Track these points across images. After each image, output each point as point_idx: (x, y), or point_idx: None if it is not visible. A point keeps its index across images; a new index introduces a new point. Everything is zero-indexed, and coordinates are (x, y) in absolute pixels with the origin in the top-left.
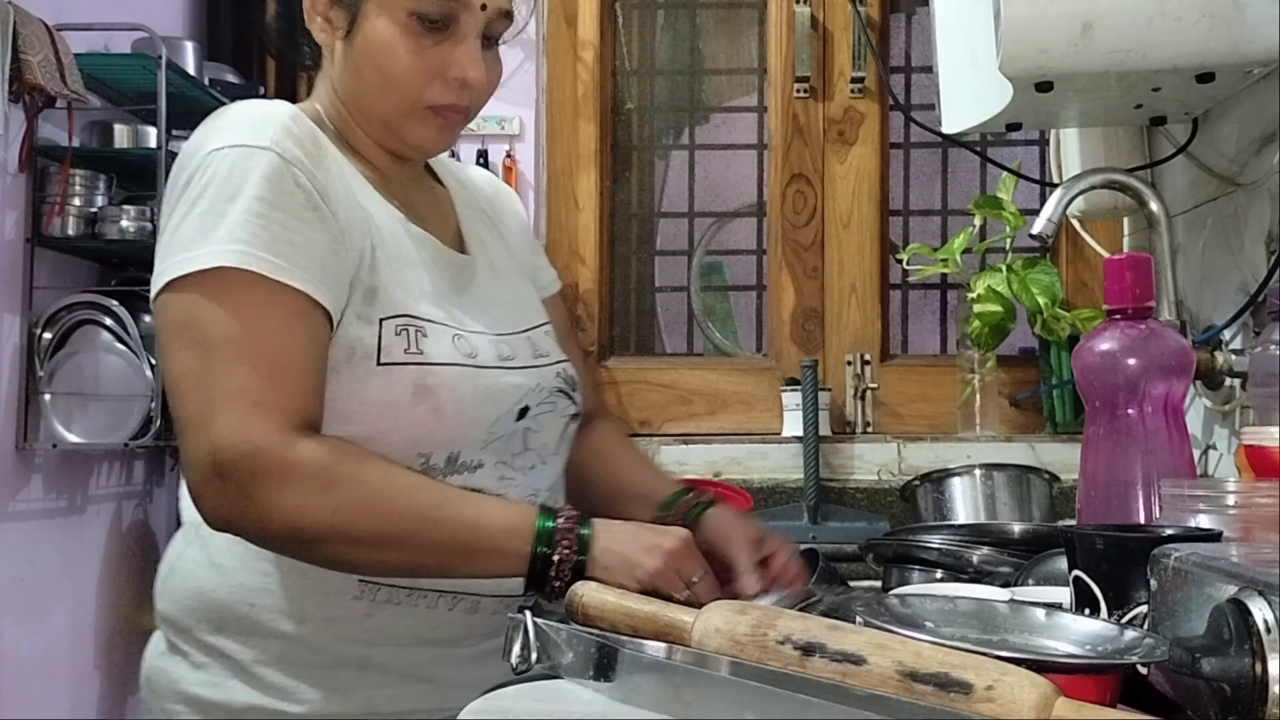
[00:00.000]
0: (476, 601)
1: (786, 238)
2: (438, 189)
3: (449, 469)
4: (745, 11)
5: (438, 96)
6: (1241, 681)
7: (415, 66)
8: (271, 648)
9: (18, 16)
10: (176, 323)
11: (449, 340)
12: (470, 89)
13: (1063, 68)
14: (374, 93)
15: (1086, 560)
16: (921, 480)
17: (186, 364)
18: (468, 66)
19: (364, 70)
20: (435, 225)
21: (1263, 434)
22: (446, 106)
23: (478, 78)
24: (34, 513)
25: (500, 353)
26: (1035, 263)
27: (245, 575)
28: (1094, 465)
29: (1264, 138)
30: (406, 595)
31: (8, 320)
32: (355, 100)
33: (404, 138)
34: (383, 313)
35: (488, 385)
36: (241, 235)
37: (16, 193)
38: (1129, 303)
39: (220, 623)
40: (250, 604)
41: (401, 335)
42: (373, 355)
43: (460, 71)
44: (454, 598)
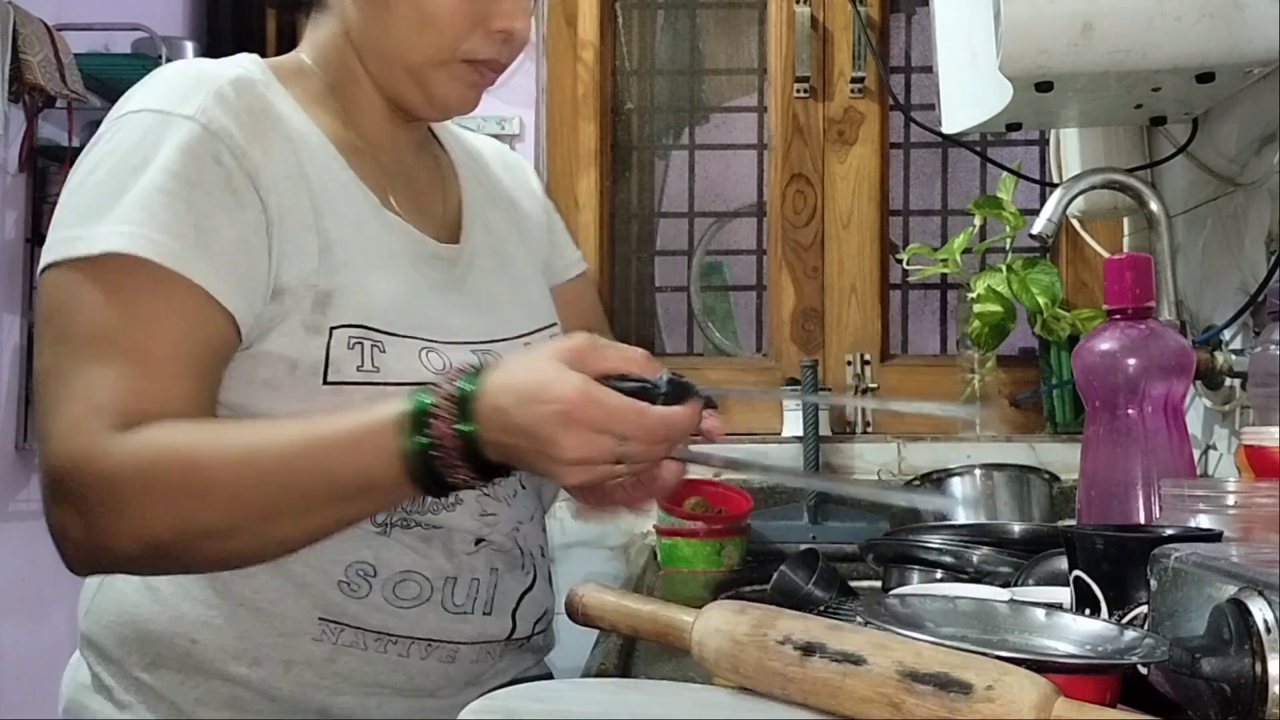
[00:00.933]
0: (454, 650)
1: (786, 238)
2: (441, 158)
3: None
4: (745, 11)
5: (478, 49)
6: (1241, 681)
7: (461, 10)
8: (217, 690)
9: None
10: (47, 312)
11: (414, 355)
12: (511, 43)
13: (1063, 68)
14: (407, 35)
15: (1087, 560)
16: (921, 480)
17: (44, 363)
18: (516, 16)
19: (398, 8)
20: (426, 207)
21: (1263, 434)
22: (485, 61)
23: (524, 30)
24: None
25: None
26: (1035, 263)
27: (186, 604)
28: (1094, 465)
29: (1264, 138)
30: (374, 640)
31: (8, 320)
32: (377, 44)
33: (430, 91)
34: (335, 320)
35: None
36: (136, 215)
37: (16, 193)
38: (1129, 303)
39: (155, 658)
40: (192, 639)
41: (355, 349)
42: (319, 371)
43: (507, 22)
44: (428, 645)
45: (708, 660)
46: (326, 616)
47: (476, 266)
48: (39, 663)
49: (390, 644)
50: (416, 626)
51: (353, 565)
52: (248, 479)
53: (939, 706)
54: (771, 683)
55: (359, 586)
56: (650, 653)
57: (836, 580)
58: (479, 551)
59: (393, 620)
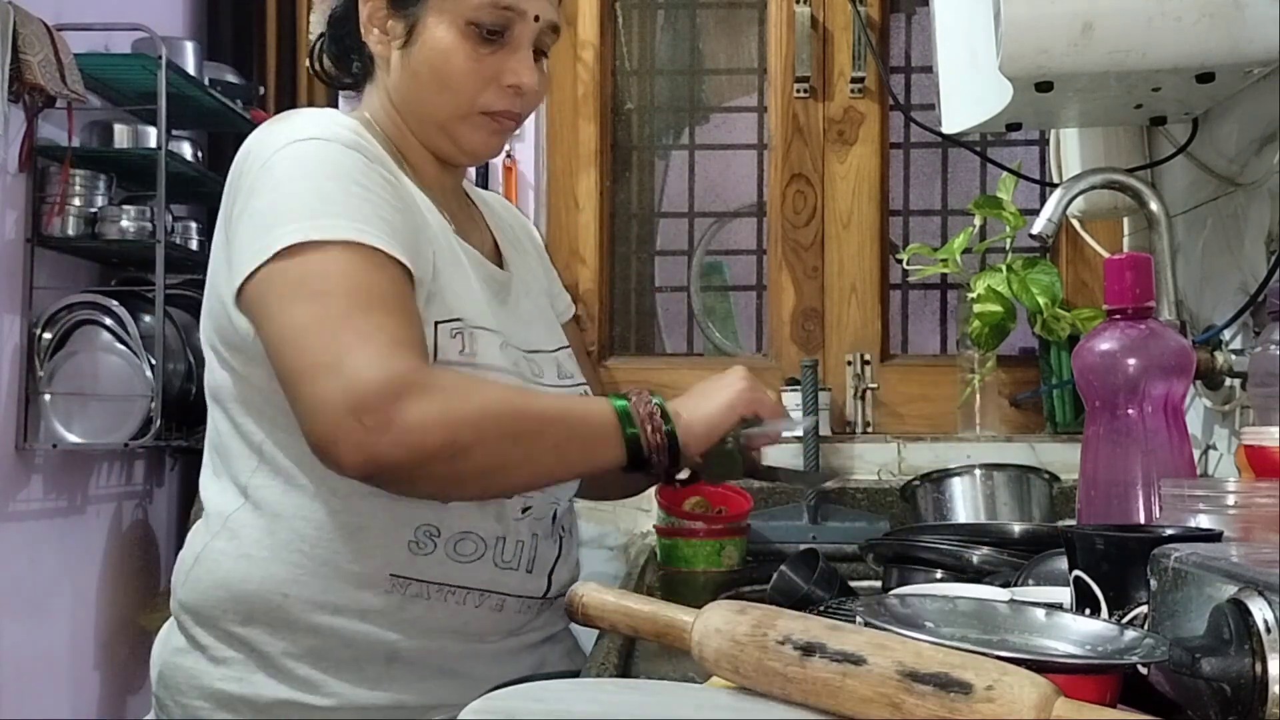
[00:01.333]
0: (502, 600)
1: (786, 238)
2: (473, 207)
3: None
4: (745, 11)
5: (493, 102)
6: (1241, 681)
7: (472, 71)
8: (301, 640)
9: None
10: (292, 282)
11: (497, 347)
12: (523, 96)
13: (1063, 68)
14: (432, 96)
15: (1087, 560)
16: (921, 480)
17: (309, 315)
18: (522, 73)
19: (422, 75)
20: (475, 240)
21: (1263, 434)
22: (501, 112)
23: (530, 84)
24: (34, 513)
25: (533, 369)
26: (1035, 263)
27: (277, 566)
28: (1094, 465)
29: (1264, 138)
30: (436, 590)
31: (8, 320)
32: (412, 105)
33: (458, 141)
34: (438, 316)
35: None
36: (347, 211)
37: (16, 193)
38: (1129, 303)
39: (249, 614)
40: (284, 594)
41: (456, 338)
42: (428, 355)
43: (515, 78)
44: (481, 595)
45: (707, 660)
46: (396, 573)
47: (516, 290)
48: (39, 663)
49: (450, 594)
50: (473, 578)
51: (420, 527)
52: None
53: (939, 706)
54: (771, 683)
55: (425, 545)
56: (650, 653)
57: (836, 580)
58: (524, 518)
59: (454, 572)
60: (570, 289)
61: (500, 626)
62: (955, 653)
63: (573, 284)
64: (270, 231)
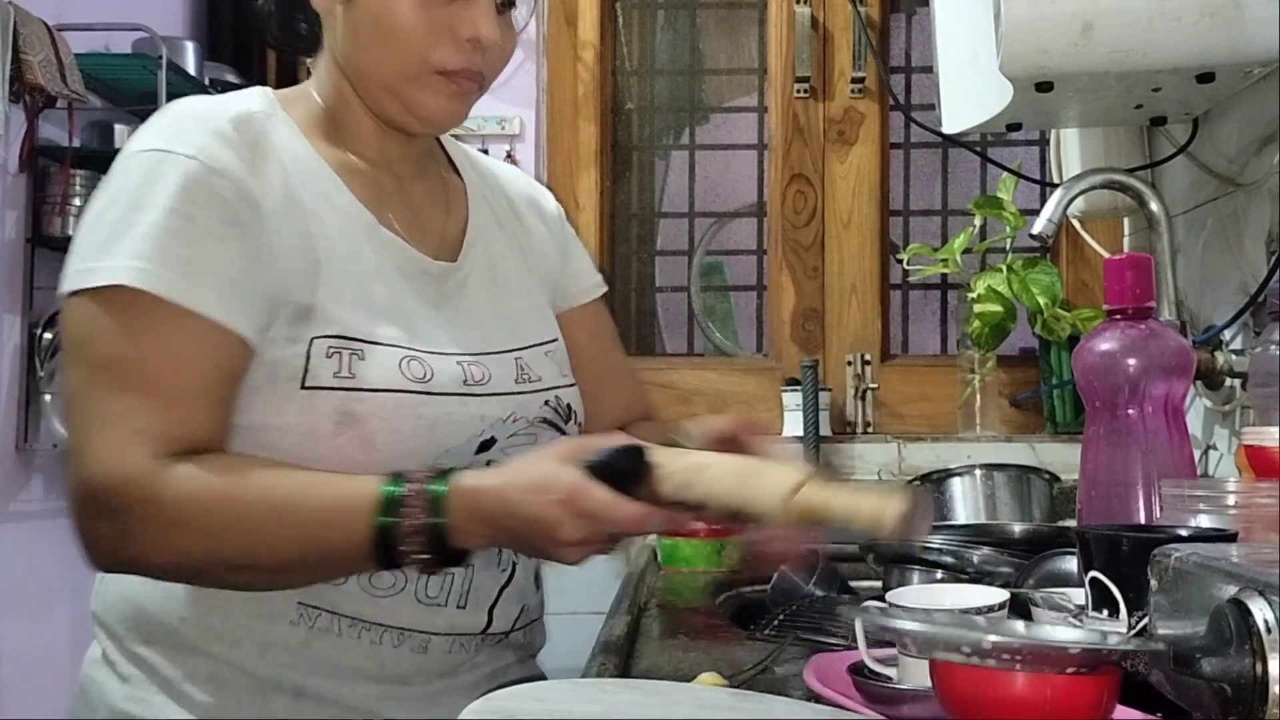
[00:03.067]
0: (426, 640)
1: (786, 238)
2: (451, 180)
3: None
4: (745, 11)
5: (448, 59)
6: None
7: (419, 23)
8: (201, 667)
9: (18, 17)
10: (72, 338)
11: (394, 363)
12: (484, 52)
13: (1063, 68)
14: (376, 55)
15: (1104, 561)
16: (922, 480)
17: (74, 384)
18: (480, 24)
19: (365, 30)
20: (425, 224)
21: (1263, 434)
22: (458, 71)
23: (490, 36)
24: (34, 513)
25: (469, 376)
26: (1035, 263)
27: (177, 587)
28: (1094, 465)
29: (1264, 138)
30: (348, 626)
31: (8, 320)
32: (355, 66)
33: (411, 106)
34: (316, 331)
35: (435, 414)
36: (145, 250)
37: (16, 193)
38: (1129, 303)
39: (149, 634)
40: (180, 618)
41: (333, 358)
42: (298, 378)
43: (472, 30)
44: (400, 634)
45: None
46: (305, 601)
47: (470, 284)
48: (39, 663)
49: (364, 630)
50: (390, 615)
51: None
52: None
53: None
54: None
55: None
56: (651, 653)
57: (837, 580)
58: None
59: (367, 607)
60: None
61: (425, 668)
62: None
63: None
64: (72, 260)
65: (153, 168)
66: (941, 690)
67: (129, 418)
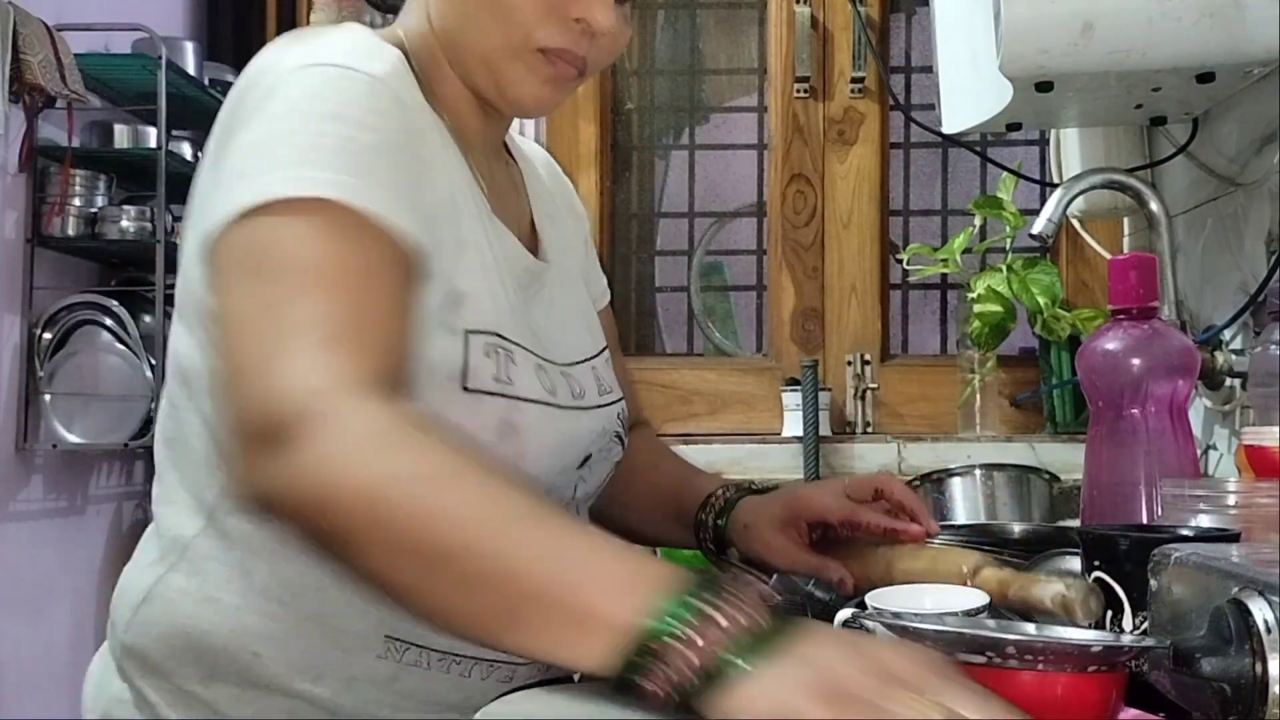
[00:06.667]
0: (513, 670)
1: (786, 238)
2: (512, 167)
3: None
4: (745, 11)
5: (553, 38)
6: (1241, 681)
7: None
8: (275, 706)
9: (18, 16)
10: (240, 258)
11: (533, 370)
12: (594, 38)
13: (1063, 68)
14: (478, 22)
15: (1108, 562)
16: (922, 480)
17: (249, 301)
18: (595, 6)
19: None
20: (510, 216)
21: (1263, 434)
22: (561, 51)
23: (604, 22)
24: (34, 513)
25: (572, 389)
26: (1035, 263)
27: (250, 617)
28: (1097, 465)
29: (1264, 138)
30: (438, 659)
31: (8, 320)
32: (454, 33)
33: (503, 85)
34: (470, 324)
35: (565, 430)
36: (341, 160)
37: (16, 193)
38: (1133, 303)
39: (213, 670)
40: (254, 653)
41: (491, 358)
42: (458, 376)
43: (584, 10)
44: (490, 666)
45: None
46: (393, 635)
47: (553, 285)
48: (39, 663)
49: (454, 664)
50: (480, 647)
51: None
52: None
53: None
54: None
55: None
56: None
57: None
58: None
59: (458, 641)
60: None
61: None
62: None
63: None
64: (244, 179)
65: (336, 81)
66: None
67: (328, 322)
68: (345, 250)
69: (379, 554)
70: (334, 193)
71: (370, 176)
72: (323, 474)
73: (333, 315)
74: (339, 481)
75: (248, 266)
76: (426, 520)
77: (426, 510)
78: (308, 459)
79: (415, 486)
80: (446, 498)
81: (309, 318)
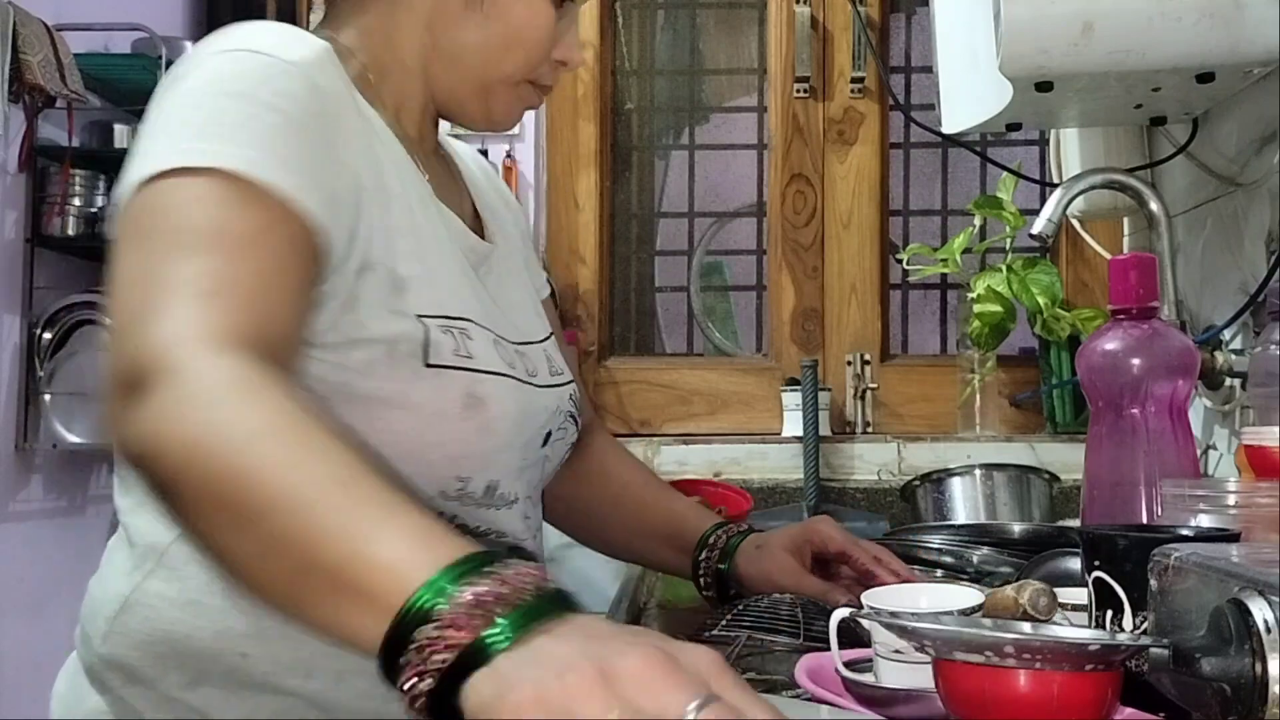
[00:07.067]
0: None
1: (786, 238)
2: (450, 159)
3: (486, 500)
4: (745, 11)
5: (545, 74)
6: (1241, 681)
7: (548, 37)
8: (266, 704)
9: (18, 16)
10: (132, 224)
11: (491, 345)
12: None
13: (1063, 68)
14: (493, 51)
15: (1108, 561)
16: (921, 480)
17: (134, 261)
18: (574, 50)
19: (494, 27)
20: (454, 202)
21: (1263, 434)
22: (545, 86)
23: (579, 63)
24: (34, 513)
25: (527, 367)
26: (1035, 263)
27: (233, 618)
28: (1098, 465)
29: (1264, 138)
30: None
31: (8, 320)
32: (455, 51)
33: (492, 107)
34: (420, 309)
35: (526, 403)
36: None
37: (16, 193)
38: (1133, 303)
39: (198, 675)
40: (242, 654)
41: (448, 334)
42: (419, 353)
43: (567, 54)
44: None
45: None
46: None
47: (500, 267)
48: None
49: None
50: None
51: None
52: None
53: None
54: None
55: None
56: None
57: None
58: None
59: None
60: (570, 289)
61: None
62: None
63: (573, 284)
64: (145, 154)
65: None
66: (947, 690)
67: (203, 279)
68: (232, 215)
69: (196, 510)
70: (227, 163)
71: (268, 151)
72: (157, 424)
73: (208, 273)
74: (168, 431)
75: (138, 231)
76: (237, 477)
77: (240, 467)
78: (150, 409)
79: (235, 442)
80: (263, 456)
81: (185, 275)
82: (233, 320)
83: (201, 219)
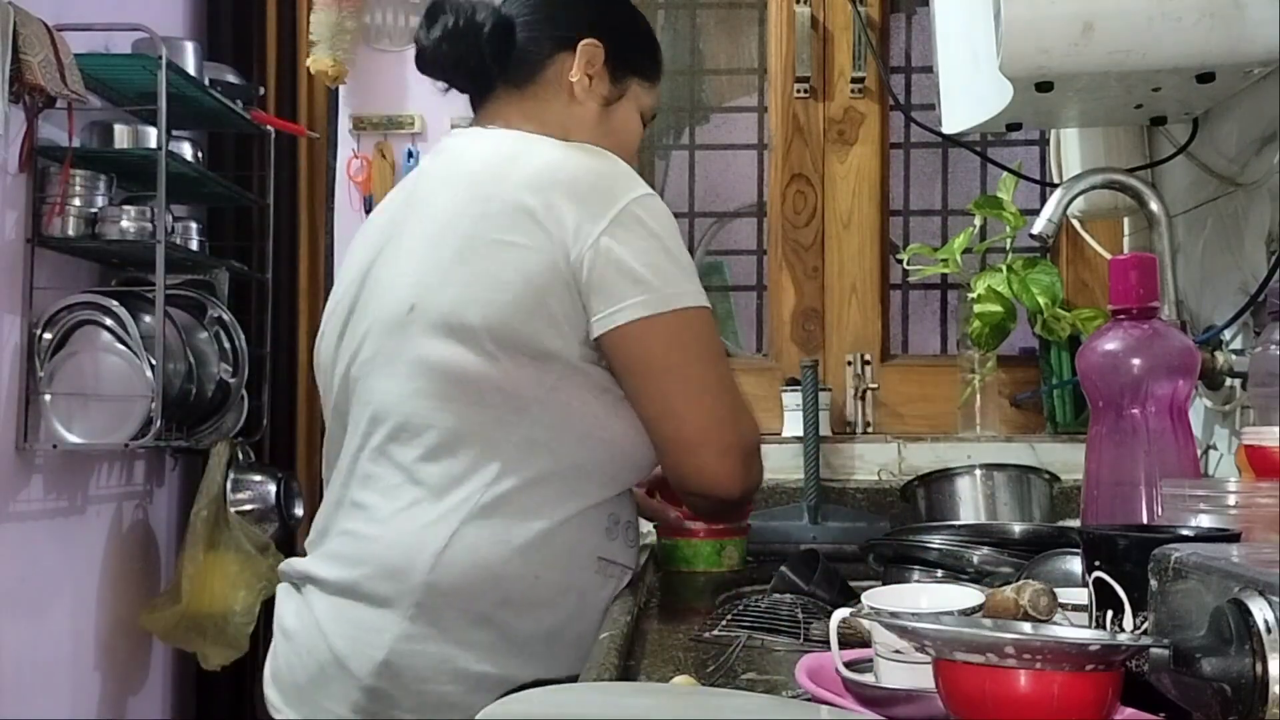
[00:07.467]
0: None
1: (786, 238)
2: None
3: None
4: (745, 11)
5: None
6: (1241, 681)
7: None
8: (544, 619)
9: (18, 17)
10: (706, 339)
11: None
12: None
13: (1063, 68)
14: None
15: (1108, 562)
16: (922, 480)
17: (722, 372)
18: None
19: (616, 137)
20: None
21: (1263, 434)
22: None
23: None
24: (34, 513)
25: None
26: (1035, 263)
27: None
28: (1098, 465)
29: (1264, 138)
30: (621, 572)
31: (8, 320)
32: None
33: None
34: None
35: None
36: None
37: (16, 193)
38: (1133, 303)
39: (504, 597)
40: (536, 576)
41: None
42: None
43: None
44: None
45: None
46: (603, 556)
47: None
48: (39, 663)
49: (623, 574)
50: (632, 560)
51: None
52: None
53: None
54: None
55: (613, 531)
56: (650, 654)
57: (837, 580)
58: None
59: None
60: None
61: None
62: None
63: None
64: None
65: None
66: (947, 690)
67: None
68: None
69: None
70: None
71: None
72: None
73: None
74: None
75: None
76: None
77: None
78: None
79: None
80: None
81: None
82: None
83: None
